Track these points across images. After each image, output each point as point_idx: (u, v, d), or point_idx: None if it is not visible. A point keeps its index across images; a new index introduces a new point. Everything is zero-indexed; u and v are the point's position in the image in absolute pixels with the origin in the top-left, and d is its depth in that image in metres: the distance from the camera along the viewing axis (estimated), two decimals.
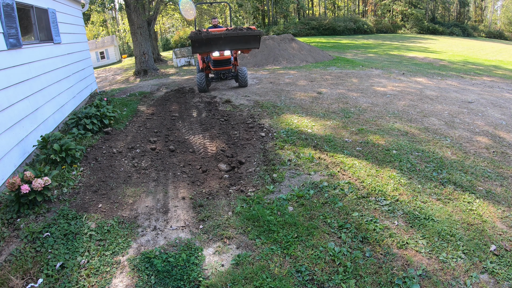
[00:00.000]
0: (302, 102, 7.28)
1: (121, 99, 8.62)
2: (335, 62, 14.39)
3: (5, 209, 3.25)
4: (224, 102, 7.51)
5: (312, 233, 2.86)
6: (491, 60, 18.57)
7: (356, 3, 53.98)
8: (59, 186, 3.74)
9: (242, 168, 4.25)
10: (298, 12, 49.14)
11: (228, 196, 3.60)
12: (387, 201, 3.33)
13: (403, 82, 9.70)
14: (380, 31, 45.19)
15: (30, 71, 4.95)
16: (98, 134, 5.55)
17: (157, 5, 16.05)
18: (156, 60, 18.38)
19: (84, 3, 9.05)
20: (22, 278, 2.46)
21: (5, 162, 3.86)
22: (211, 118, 6.28)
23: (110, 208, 3.39)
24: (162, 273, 2.48)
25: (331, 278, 2.41)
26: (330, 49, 21.59)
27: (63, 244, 2.81)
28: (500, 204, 3.29)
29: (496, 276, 2.40)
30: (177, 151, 4.84)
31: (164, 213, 3.31)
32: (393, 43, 28.43)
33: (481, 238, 2.77)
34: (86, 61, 8.66)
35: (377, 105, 6.95)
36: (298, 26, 41.10)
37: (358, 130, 5.34)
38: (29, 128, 4.62)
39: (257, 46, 7.17)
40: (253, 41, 7.01)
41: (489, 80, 11.11)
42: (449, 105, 7.04)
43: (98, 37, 35.57)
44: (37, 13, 5.63)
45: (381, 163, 4.16)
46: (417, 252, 2.63)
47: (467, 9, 53.37)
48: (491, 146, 4.83)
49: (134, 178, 4.04)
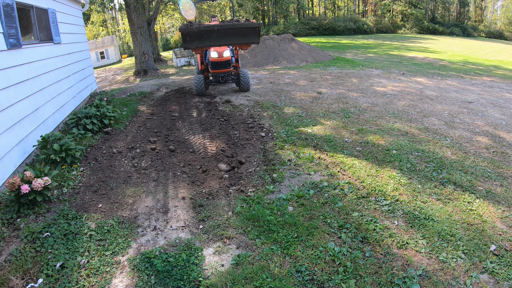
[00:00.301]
0: (302, 102, 7.28)
1: (121, 99, 8.62)
2: (335, 62, 14.39)
3: (5, 209, 3.25)
4: (224, 102, 7.51)
5: (312, 233, 2.86)
6: (491, 60, 18.57)
7: (356, 3, 53.98)
8: (59, 186, 3.74)
9: (242, 168, 4.25)
10: (298, 12, 49.15)
11: (228, 196, 3.60)
12: (387, 201, 3.33)
13: (403, 82, 9.70)
14: (380, 31, 45.19)
15: (30, 71, 4.95)
16: (98, 134, 5.55)
17: (157, 5, 16.06)
18: (156, 60, 18.38)
19: (84, 3, 9.05)
20: (22, 278, 2.46)
21: (5, 162, 3.86)
22: (211, 118, 6.28)
23: (110, 208, 3.39)
24: (162, 273, 2.48)
25: (331, 278, 2.41)
26: (330, 49, 21.59)
27: (63, 244, 2.81)
28: (500, 204, 3.29)
29: (496, 276, 2.40)
30: (177, 151, 4.84)
31: (164, 213, 3.31)
32: (393, 43, 28.42)
33: (481, 238, 2.77)
34: (86, 61, 8.66)
35: (377, 105, 6.95)
36: (298, 26, 41.11)
37: (358, 130, 5.34)
38: (29, 128, 4.62)
39: (256, 41, 6.53)
40: (251, 35, 6.39)
41: (489, 80, 11.11)
42: (449, 105, 7.04)
43: (98, 37, 35.57)
44: (37, 13, 5.63)
45: (381, 163, 4.16)
46: (417, 252, 2.63)
47: (467, 9, 53.38)
48: (491, 146, 4.83)
49: (134, 178, 4.04)
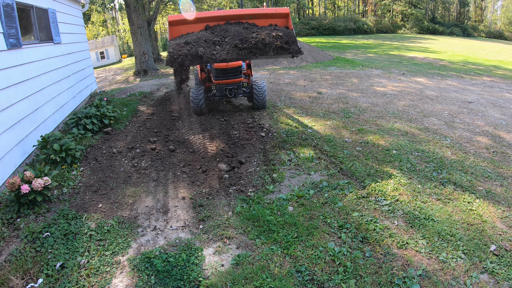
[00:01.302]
0: (302, 102, 7.28)
1: (121, 99, 8.62)
2: (335, 62, 14.39)
3: (5, 209, 3.25)
4: (224, 102, 7.50)
5: (312, 233, 2.86)
6: (491, 60, 18.57)
7: (356, 3, 53.97)
8: (59, 186, 3.74)
9: (242, 168, 4.25)
10: (298, 12, 49.12)
11: (228, 196, 3.60)
12: (387, 201, 3.33)
13: (403, 82, 9.70)
14: (380, 31, 45.18)
15: (30, 71, 4.94)
16: (98, 134, 5.55)
17: (157, 5, 16.06)
18: (156, 60, 18.38)
19: (84, 3, 9.05)
20: (22, 278, 2.46)
21: (5, 162, 3.86)
22: (211, 118, 6.28)
23: (110, 208, 3.39)
24: (162, 273, 2.48)
25: (331, 278, 2.41)
26: (330, 49, 21.59)
27: (63, 244, 2.81)
28: (500, 204, 3.29)
29: (496, 276, 2.40)
30: (177, 151, 4.84)
31: (164, 213, 3.30)
32: (393, 43, 28.42)
33: (481, 238, 2.77)
34: (86, 61, 8.66)
35: (377, 105, 6.95)
36: (298, 26, 41.09)
37: (358, 130, 5.34)
38: (29, 128, 4.62)
39: (296, 54, 4.40)
40: (287, 49, 4.31)
41: (489, 80, 11.11)
42: (449, 105, 7.04)
43: (98, 37, 35.56)
44: (37, 13, 5.62)
45: (381, 163, 4.16)
46: (417, 252, 2.63)
47: (467, 9, 53.38)
48: (491, 146, 4.83)
49: (134, 178, 4.04)
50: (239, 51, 4.28)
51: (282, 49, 4.32)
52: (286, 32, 4.52)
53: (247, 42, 4.30)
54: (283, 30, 4.61)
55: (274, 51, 4.29)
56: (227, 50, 4.28)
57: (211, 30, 4.66)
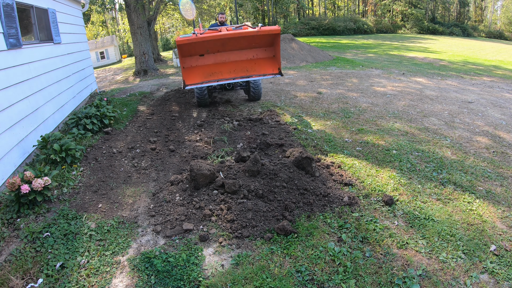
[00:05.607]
0: (302, 102, 7.28)
1: (121, 99, 8.62)
2: (335, 62, 14.39)
3: (5, 209, 3.25)
4: (224, 102, 7.50)
5: (312, 233, 2.86)
6: (491, 60, 18.57)
7: (356, 3, 53.98)
8: (59, 186, 3.74)
9: None
10: (298, 12, 49.13)
11: None
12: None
13: (403, 82, 9.70)
14: (380, 31, 45.18)
15: (30, 71, 4.95)
16: (98, 134, 5.55)
17: (157, 5, 16.05)
18: (156, 60, 18.38)
19: (84, 3, 9.05)
20: (22, 278, 2.46)
21: (5, 162, 3.86)
22: (211, 118, 6.28)
23: (110, 208, 3.39)
24: (162, 273, 2.48)
25: (331, 278, 2.41)
26: (330, 49, 21.59)
27: (63, 244, 2.81)
28: (500, 204, 3.29)
29: (496, 276, 2.40)
30: (177, 151, 4.84)
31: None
32: (393, 43, 28.42)
33: (481, 238, 2.77)
34: (86, 61, 8.66)
35: (377, 105, 6.95)
36: (298, 26, 41.10)
37: (358, 130, 5.35)
38: (29, 128, 4.62)
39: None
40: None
41: (489, 80, 11.11)
42: (449, 105, 7.04)
43: (98, 37, 35.55)
44: (37, 13, 5.63)
45: (381, 163, 4.16)
46: (417, 252, 2.63)
47: (467, 9, 53.39)
48: (491, 146, 4.83)
49: (134, 178, 4.04)
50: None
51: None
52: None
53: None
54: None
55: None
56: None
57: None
